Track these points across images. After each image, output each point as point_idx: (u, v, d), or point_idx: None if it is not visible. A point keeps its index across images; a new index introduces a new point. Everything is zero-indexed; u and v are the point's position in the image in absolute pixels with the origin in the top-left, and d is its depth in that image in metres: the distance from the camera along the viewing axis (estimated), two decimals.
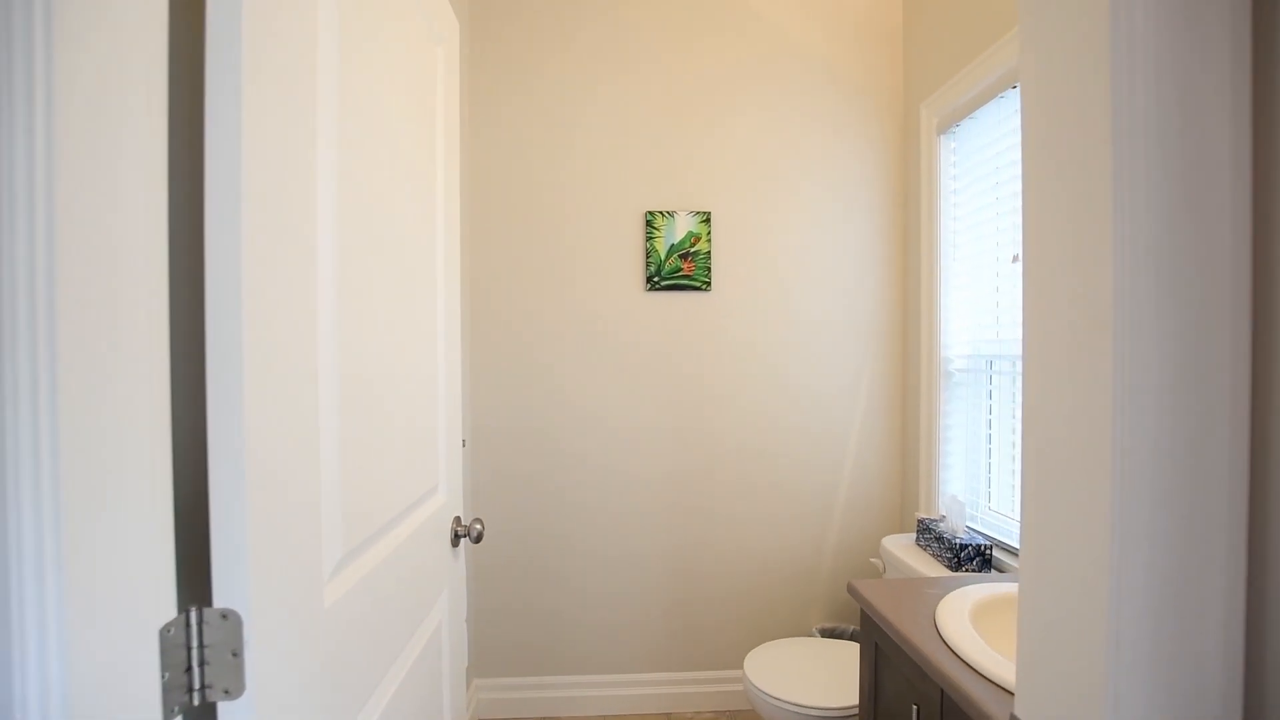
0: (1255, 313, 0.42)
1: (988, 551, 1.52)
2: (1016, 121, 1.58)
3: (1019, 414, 1.65)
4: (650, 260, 2.03)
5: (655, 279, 2.03)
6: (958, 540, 1.53)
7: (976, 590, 1.13)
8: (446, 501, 1.12)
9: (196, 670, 0.49)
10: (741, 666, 2.09)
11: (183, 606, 0.49)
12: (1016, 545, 1.52)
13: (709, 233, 2.04)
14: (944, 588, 1.19)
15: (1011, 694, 0.83)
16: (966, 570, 1.51)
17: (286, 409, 0.57)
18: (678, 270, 2.04)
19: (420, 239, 0.97)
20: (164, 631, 0.46)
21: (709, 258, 2.04)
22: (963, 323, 1.88)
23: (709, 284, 2.05)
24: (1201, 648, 0.42)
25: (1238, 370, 0.42)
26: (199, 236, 0.50)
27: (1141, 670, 0.42)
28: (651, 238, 2.03)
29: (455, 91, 1.15)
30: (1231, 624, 0.42)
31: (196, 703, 0.49)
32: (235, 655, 0.50)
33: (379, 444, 0.80)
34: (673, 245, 2.03)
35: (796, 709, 1.46)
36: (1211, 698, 0.42)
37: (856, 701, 1.45)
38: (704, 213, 2.03)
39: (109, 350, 0.41)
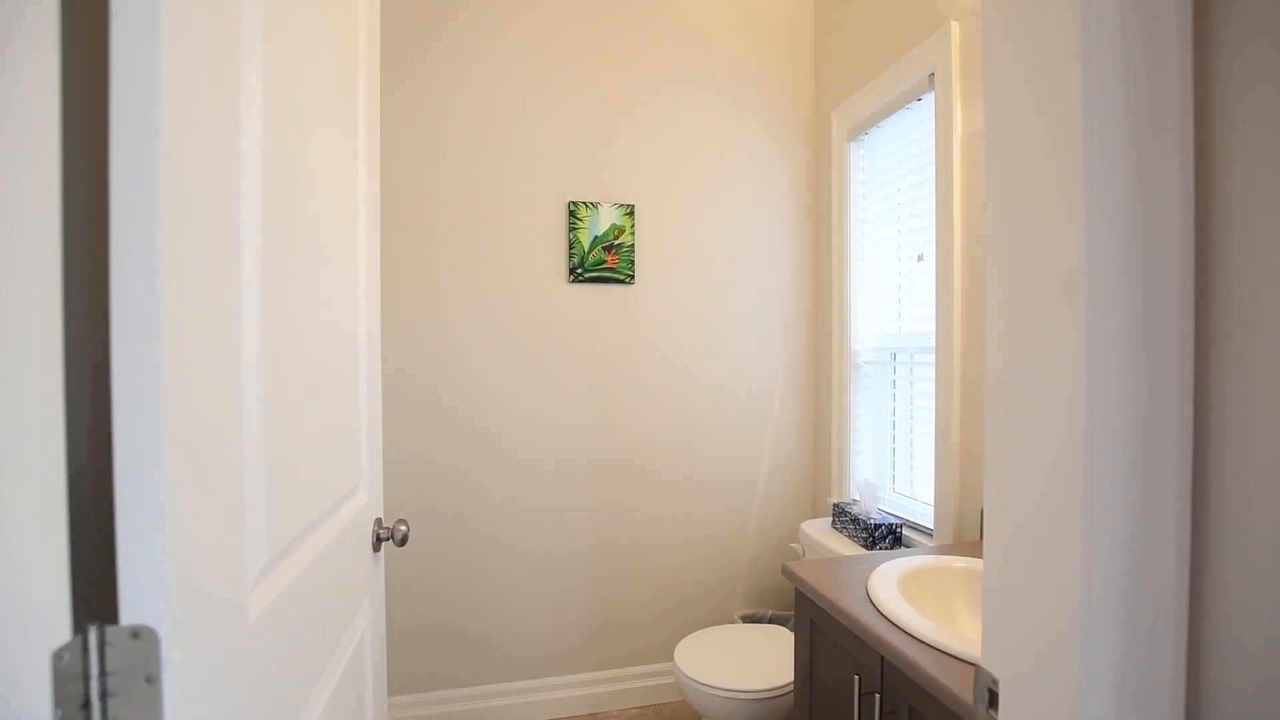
0: (1198, 262, 0.46)
1: (899, 530, 1.62)
2: (920, 132, 1.72)
3: (917, 400, 1.80)
4: (574, 251, 1.99)
5: (579, 270, 1.99)
6: (872, 521, 1.63)
7: (900, 564, 1.20)
8: (368, 502, 1.01)
9: (97, 704, 0.40)
10: (665, 660, 2.10)
11: (79, 626, 0.39)
12: (923, 524, 1.64)
13: (633, 225, 2.03)
14: (869, 564, 1.25)
15: (947, 655, 0.88)
16: (881, 548, 1.60)
17: (210, 389, 0.48)
18: (601, 262, 2.01)
19: (342, 214, 0.87)
20: (56, 659, 0.37)
21: (633, 251, 2.03)
22: (869, 318, 2.00)
23: (633, 277, 2.04)
24: (1160, 604, 0.46)
25: (1184, 314, 0.46)
26: (103, 192, 0.41)
27: (1110, 619, 0.45)
28: (575, 228, 1.98)
29: (375, 60, 1.05)
30: (1180, 578, 0.46)
31: None
32: (150, 681, 0.41)
33: (303, 437, 0.70)
34: (597, 237, 2.00)
35: (730, 694, 1.48)
36: (1167, 631, 0.46)
37: (785, 682, 1.50)
38: (628, 205, 2.02)
39: None
